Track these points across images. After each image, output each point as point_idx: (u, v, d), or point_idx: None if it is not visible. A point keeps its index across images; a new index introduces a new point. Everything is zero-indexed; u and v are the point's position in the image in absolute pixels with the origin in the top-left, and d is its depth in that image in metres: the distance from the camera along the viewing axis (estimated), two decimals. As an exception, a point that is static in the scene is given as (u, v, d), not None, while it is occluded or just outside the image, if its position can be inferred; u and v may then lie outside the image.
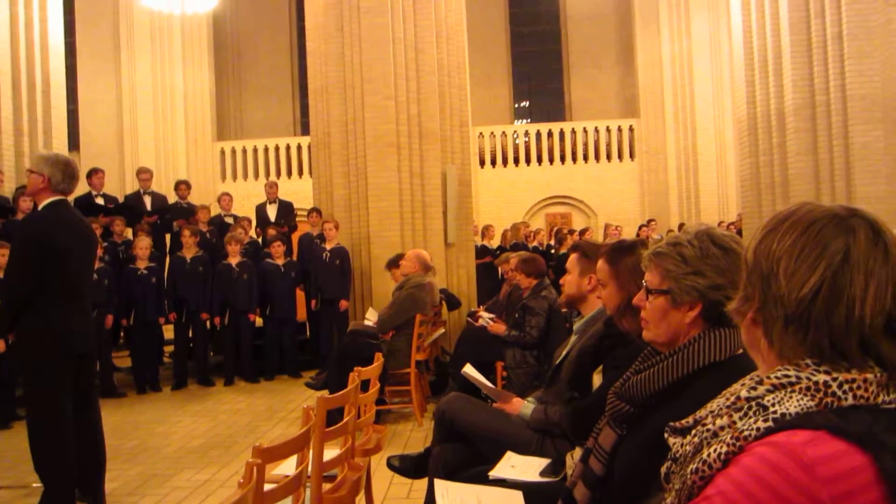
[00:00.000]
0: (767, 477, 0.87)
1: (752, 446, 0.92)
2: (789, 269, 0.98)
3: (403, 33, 8.09)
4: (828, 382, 0.93)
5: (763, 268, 1.02)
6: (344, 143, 8.23)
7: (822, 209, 1.02)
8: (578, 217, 16.73)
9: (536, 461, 2.68)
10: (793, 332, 0.98)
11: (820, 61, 8.12)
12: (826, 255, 0.96)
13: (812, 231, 0.99)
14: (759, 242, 1.04)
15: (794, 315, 0.97)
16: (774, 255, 1.01)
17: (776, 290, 0.99)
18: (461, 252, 8.62)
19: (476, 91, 16.59)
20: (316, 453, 2.44)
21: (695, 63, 15.71)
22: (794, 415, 0.92)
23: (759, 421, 0.93)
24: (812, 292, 0.96)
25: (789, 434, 0.89)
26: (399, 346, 5.83)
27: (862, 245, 0.96)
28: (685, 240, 1.68)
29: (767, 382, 0.97)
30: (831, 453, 0.87)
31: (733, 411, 0.98)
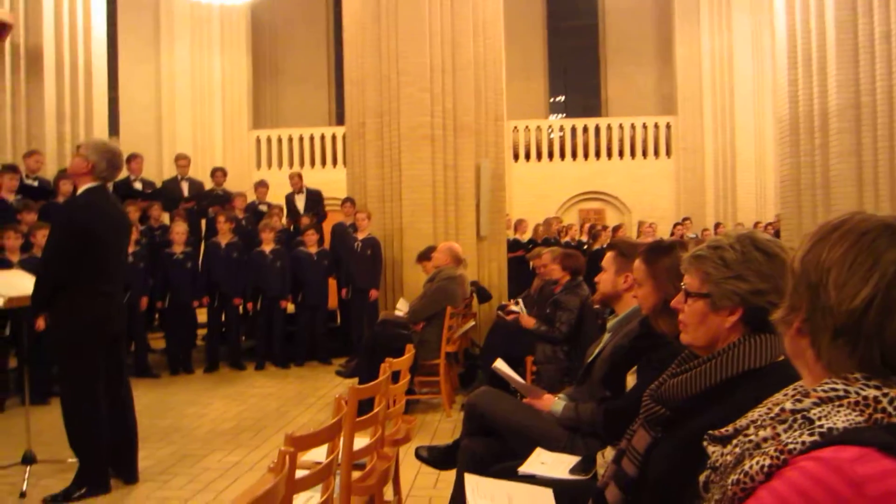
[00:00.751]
0: (813, 492, 0.85)
1: (797, 460, 0.90)
2: (840, 279, 0.96)
3: (441, 26, 8.07)
4: (878, 398, 0.91)
5: (811, 277, 1.00)
6: (378, 133, 8.26)
7: (874, 219, 1.00)
8: (612, 213, 16.59)
9: (566, 458, 2.67)
10: (842, 345, 0.96)
11: (867, 61, 7.91)
12: (879, 266, 0.94)
13: (864, 242, 0.97)
14: (807, 252, 1.02)
15: (844, 327, 0.95)
16: (824, 265, 0.99)
17: (825, 301, 0.97)
18: (493, 245, 8.61)
19: (511, 85, 16.47)
20: (347, 442, 2.46)
21: (735, 60, 15.42)
22: (841, 430, 0.90)
23: (805, 434, 0.91)
24: (864, 304, 0.94)
25: (837, 450, 0.87)
26: (429, 337, 5.86)
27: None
28: (726, 243, 1.66)
29: (814, 395, 0.95)
30: (882, 471, 0.84)
31: (777, 423, 0.96)
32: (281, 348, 8.05)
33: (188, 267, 7.63)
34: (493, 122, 8.64)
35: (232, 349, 8.03)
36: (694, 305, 1.68)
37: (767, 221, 13.88)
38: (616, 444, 1.97)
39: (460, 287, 6.14)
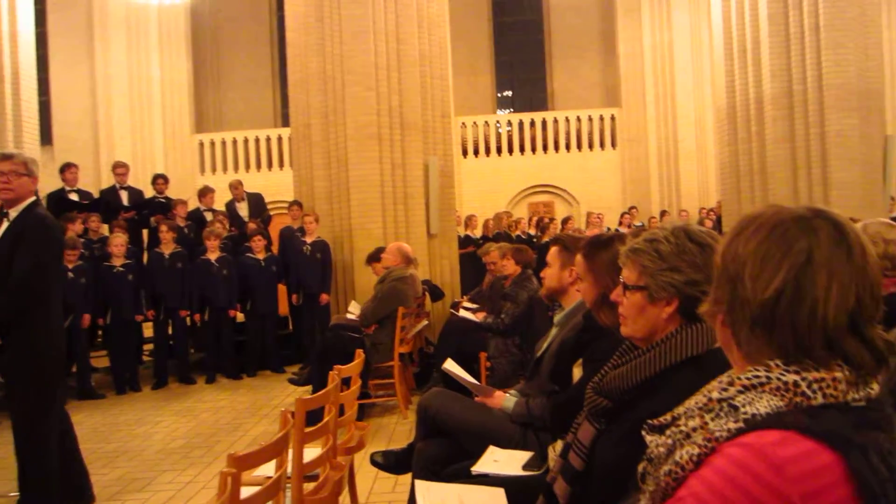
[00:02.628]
0: (738, 477, 0.87)
1: (723, 447, 0.92)
2: (754, 271, 0.99)
3: (385, 23, 8.02)
4: (797, 382, 0.94)
5: (730, 271, 1.02)
6: (325, 134, 8.17)
7: (787, 211, 1.02)
8: (561, 205, 16.77)
9: (519, 454, 2.68)
10: (759, 334, 0.99)
11: (797, 52, 8.18)
12: (789, 256, 0.97)
13: (776, 234, 0.99)
14: (726, 246, 1.05)
15: (760, 317, 0.98)
16: (740, 258, 1.01)
17: (742, 293, 1.00)
18: (444, 243, 8.61)
19: (458, 81, 16.55)
20: (296, 455, 2.42)
21: (675, 52, 15.77)
22: (764, 415, 0.92)
23: (730, 422, 0.94)
24: (776, 293, 0.96)
25: (759, 434, 0.90)
26: (382, 339, 5.81)
27: (825, 245, 0.97)
28: (661, 236, 1.68)
29: (738, 384, 0.97)
30: (800, 452, 0.87)
31: (705, 412, 0.98)
32: (231, 359, 7.89)
33: (130, 280, 7.37)
34: (441, 118, 8.63)
35: (180, 363, 7.81)
36: (632, 298, 1.70)
37: (710, 207, 14.22)
38: (564, 438, 1.98)
39: (412, 287, 6.12)
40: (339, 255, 8.16)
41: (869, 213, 6.94)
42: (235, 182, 9.65)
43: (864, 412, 0.94)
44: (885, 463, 0.88)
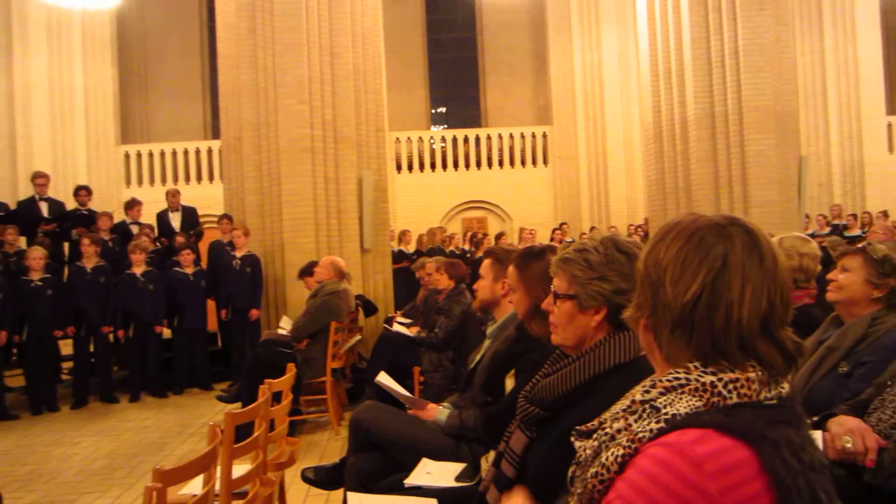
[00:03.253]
0: (660, 475, 0.91)
1: (646, 447, 0.95)
2: (675, 276, 1.03)
3: (318, 36, 7.97)
4: (714, 383, 0.98)
5: (652, 276, 1.06)
6: (256, 147, 8.04)
7: (704, 219, 1.07)
8: (494, 221, 16.95)
9: (452, 466, 2.68)
10: (679, 337, 1.02)
11: (719, 75, 8.55)
12: (707, 261, 1.01)
13: (694, 240, 1.04)
14: (648, 253, 1.09)
15: (679, 320, 1.02)
16: (661, 263, 1.05)
17: (663, 298, 1.03)
18: (378, 258, 8.57)
19: (393, 96, 16.58)
20: (224, 471, 2.36)
21: (605, 73, 16.21)
22: (683, 415, 0.96)
23: (652, 422, 0.97)
24: (694, 297, 1.00)
25: (680, 433, 0.93)
26: (314, 354, 5.73)
27: (739, 251, 1.02)
28: (591, 246, 1.73)
29: (659, 386, 1.01)
30: (718, 449, 0.91)
31: (629, 414, 1.01)
32: (157, 376, 7.62)
33: (48, 295, 7.05)
34: (375, 133, 8.61)
35: (102, 381, 7.49)
36: (562, 307, 1.74)
37: (638, 224, 14.63)
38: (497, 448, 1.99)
39: (345, 301, 6.06)
40: (270, 269, 8.02)
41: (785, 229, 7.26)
42: (173, 191, 9.41)
43: (776, 410, 0.99)
44: (797, 456, 0.93)
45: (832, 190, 15.32)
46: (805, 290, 3.16)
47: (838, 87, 15.36)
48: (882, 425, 1.98)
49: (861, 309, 2.51)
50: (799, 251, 3.15)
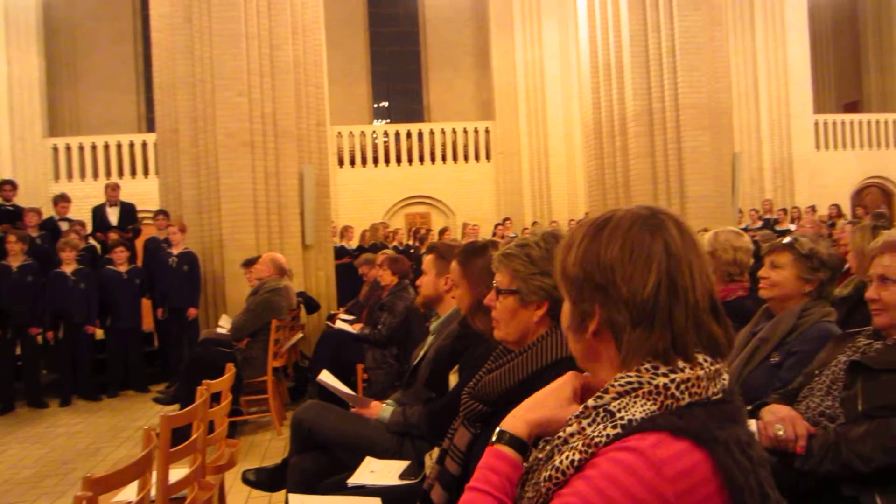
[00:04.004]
0: (623, 479, 0.91)
1: (606, 451, 0.95)
2: (626, 274, 1.01)
3: (258, 28, 7.81)
4: (667, 385, 0.98)
5: (597, 279, 1.03)
6: (193, 141, 7.83)
7: (628, 212, 1.07)
8: (437, 216, 16.95)
9: (396, 464, 2.66)
10: (639, 334, 1.01)
11: (656, 72, 8.73)
12: (654, 254, 1.01)
13: (633, 234, 1.03)
14: (583, 255, 1.06)
15: (640, 316, 1.01)
16: (605, 263, 1.03)
17: (618, 297, 1.02)
18: (320, 254, 8.46)
19: (334, 90, 16.38)
20: (160, 476, 2.28)
21: (546, 69, 16.35)
22: (639, 420, 0.96)
23: (608, 427, 0.97)
24: (654, 290, 1.00)
25: (640, 437, 0.93)
26: (255, 353, 5.62)
27: (676, 238, 1.03)
28: (532, 241, 1.73)
29: (612, 391, 1.00)
30: (674, 453, 0.92)
31: (582, 419, 1.00)
32: (89, 379, 7.35)
33: (-30, 295, 6.74)
34: (316, 127, 8.49)
35: (30, 385, 7.17)
36: (505, 302, 1.73)
37: (578, 219, 14.84)
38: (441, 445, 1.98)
39: (286, 299, 5.96)
40: (208, 266, 7.83)
41: (720, 223, 7.48)
42: (112, 184, 9.14)
43: (724, 406, 1.00)
44: (746, 455, 0.94)
45: (763, 185, 15.84)
46: (739, 282, 3.25)
47: (769, 87, 15.89)
48: (811, 412, 2.05)
49: (793, 303, 2.59)
50: (733, 245, 3.23)
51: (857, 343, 2.10)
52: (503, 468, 1.04)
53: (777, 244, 2.70)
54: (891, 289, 2.01)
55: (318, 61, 8.63)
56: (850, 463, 1.85)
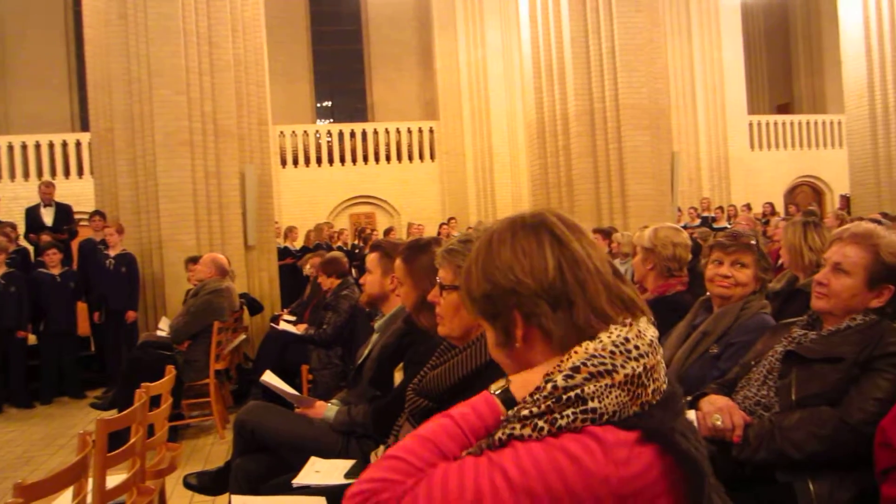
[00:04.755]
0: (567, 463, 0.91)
1: (565, 435, 0.94)
2: (525, 267, 1.04)
3: (196, 25, 7.65)
4: (639, 374, 0.98)
5: (504, 285, 1.05)
6: (130, 140, 7.61)
7: (505, 220, 1.11)
8: (382, 216, 16.89)
9: (342, 463, 2.64)
10: (562, 316, 1.02)
11: (597, 73, 8.88)
12: (543, 242, 1.05)
13: (517, 236, 1.07)
14: (482, 271, 1.07)
15: (555, 299, 1.02)
16: (504, 267, 1.05)
17: (528, 291, 1.03)
18: (262, 254, 8.34)
19: (276, 89, 16.16)
20: (97, 481, 2.21)
21: (489, 69, 16.44)
22: (611, 413, 0.95)
23: (579, 418, 0.94)
24: (557, 270, 1.03)
25: (604, 430, 0.93)
26: (196, 356, 5.50)
27: (558, 224, 1.07)
28: (475, 237, 1.73)
29: (584, 370, 0.97)
30: (632, 449, 0.93)
31: (552, 401, 0.96)
32: (22, 386, 7.09)
33: None
34: (258, 126, 8.37)
35: (-42, 393, 6.91)
36: (448, 298, 1.74)
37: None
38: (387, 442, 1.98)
39: (228, 300, 5.85)
40: (147, 268, 7.63)
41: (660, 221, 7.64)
42: (47, 182, 8.84)
43: (673, 399, 1.02)
44: (698, 441, 0.98)
45: (701, 184, 16.26)
46: (678, 277, 3.32)
47: (705, 88, 16.32)
48: (747, 402, 2.10)
49: (742, 299, 2.66)
50: (672, 241, 3.31)
51: (793, 333, 2.16)
52: (486, 416, 1.01)
53: (741, 243, 2.71)
54: (841, 279, 2.05)
55: (260, 60, 8.50)
56: (784, 450, 1.91)
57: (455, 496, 0.91)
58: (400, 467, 0.96)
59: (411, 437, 1.01)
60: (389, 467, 0.96)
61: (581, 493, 0.90)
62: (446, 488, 0.92)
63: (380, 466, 0.98)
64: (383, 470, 0.96)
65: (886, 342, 1.95)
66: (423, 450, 0.97)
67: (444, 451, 0.98)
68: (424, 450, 0.97)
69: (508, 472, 0.91)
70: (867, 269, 2.03)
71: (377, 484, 0.95)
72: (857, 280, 2.04)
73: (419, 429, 1.03)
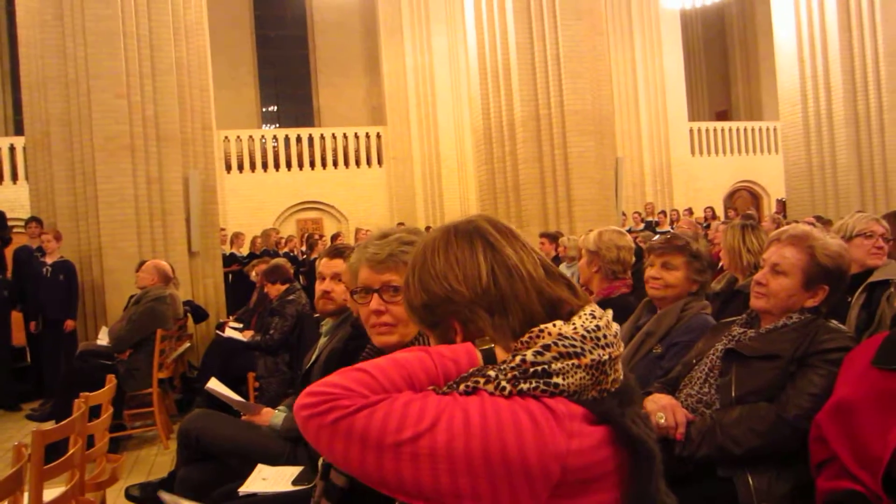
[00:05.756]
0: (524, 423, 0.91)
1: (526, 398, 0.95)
2: (459, 275, 1.06)
3: (136, 27, 7.48)
4: (605, 361, 1.00)
5: (440, 293, 1.07)
6: (67, 144, 7.39)
7: (439, 230, 1.13)
8: (330, 222, 16.76)
9: (289, 470, 2.62)
10: (498, 321, 1.05)
11: (542, 79, 9.01)
12: (476, 249, 1.07)
13: (451, 244, 1.09)
14: (419, 280, 1.10)
15: (490, 305, 1.05)
16: (440, 276, 1.07)
17: (462, 298, 1.06)
18: (207, 261, 8.19)
19: (221, 94, 15.92)
20: (33, 495, 2.14)
21: (436, 75, 16.52)
22: (571, 392, 0.97)
23: (541, 385, 0.96)
24: (490, 277, 1.05)
25: (557, 400, 0.95)
26: (138, 364, 5.37)
27: (491, 230, 1.10)
28: (407, 238, 1.75)
29: (555, 349, 0.99)
30: (580, 425, 0.95)
31: (519, 372, 0.97)
32: (-48, 398, 6.81)
33: None
34: (202, 131, 8.22)
35: None
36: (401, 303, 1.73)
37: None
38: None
39: (171, 307, 5.73)
40: (87, 276, 7.41)
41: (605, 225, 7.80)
42: None
43: (626, 387, 1.04)
44: (648, 427, 1.01)
45: (644, 189, 16.61)
46: (622, 280, 3.40)
47: (648, 94, 16.69)
48: (690, 400, 2.15)
49: (679, 301, 2.74)
50: (616, 244, 3.38)
51: (733, 332, 2.22)
52: (463, 365, 1.01)
53: (670, 245, 2.79)
54: (780, 280, 2.13)
55: (203, 63, 8.37)
56: (724, 446, 1.97)
57: (412, 421, 0.90)
58: (367, 381, 0.94)
59: (385, 359, 0.99)
60: (355, 379, 0.94)
61: (530, 449, 0.90)
62: (406, 412, 0.91)
63: (346, 376, 0.95)
64: (349, 380, 0.94)
65: (820, 340, 2.03)
66: (395, 374, 0.96)
67: (414, 382, 0.97)
68: (396, 374, 0.96)
69: (470, 416, 0.91)
70: (804, 271, 2.10)
71: (339, 390, 0.92)
72: (794, 280, 2.11)
73: (395, 353, 1.02)
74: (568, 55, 8.87)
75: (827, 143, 10.98)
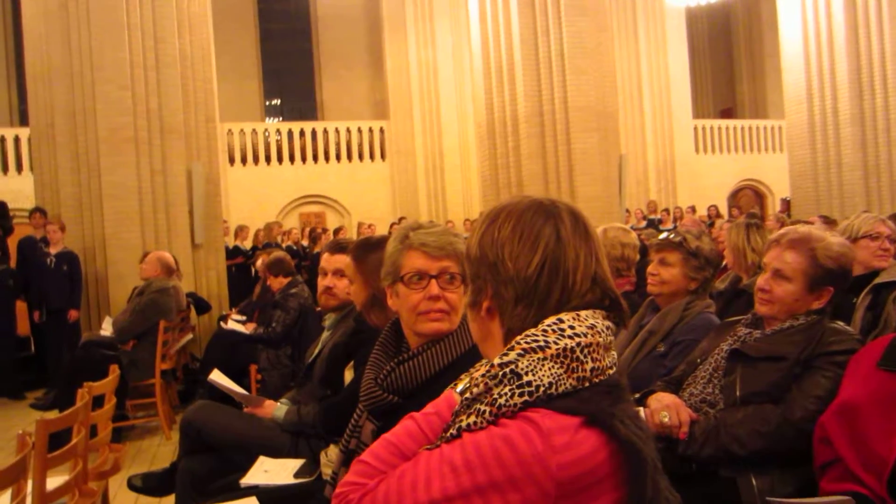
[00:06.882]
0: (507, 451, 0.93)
1: (505, 422, 0.96)
2: (514, 252, 1.07)
3: (140, 19, 7.48)
4: (573, 348, 1.00)
5: (490, 257, 1.09)
6: (72, 136, 7.40)
7: (528, 199, 1.14)
8: (332, 216, 16.77)
9: (291, 463, 2.62)
10: (521, 311, 1.06)
11: (546, 75, 8.98)
12: (542, 236, 1.08)
13: (525, 218, 1.10)
14: (481, 236, 1.12)
15: (523, 293, 1.06)
16: (497, 243, 1.09)
17: (505, 274, 1.07)
18: (210, 253, 8.20)
19: (224, 87, 15.88)
20: (37, 483, 2.16)
21: (440, 70, 16.49)
22: (546, 385, 0.97)
23: (516, 395, 0.97)
24: (537, 269, 1.06)
25: (542, 415, 0.95)
26: (141, 355, 5.39)
27: (567, 225, 1.10)
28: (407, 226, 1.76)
29: (518, 347, 1.01)
30: (570, 432, 0.95)
31: (489, 379, 1.00)
32: (-45, 387, 6.83)
33: None
34: (205, 123, 8.22)
35: None
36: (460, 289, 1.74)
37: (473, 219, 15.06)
38: (338, 441, 1.96)
39: (174, 299, 5.75)
40: (90, 267, 7.43)
41: (608, 222, 7.78)
42: None
43: (616, 381, 1.05)
44: (639, 427, 1.00)
45: (648, 186, 16.57)
46: (626, 277, 3.40)
47: (652, 91, 16.63)
48: (693, 399, 2.15)
49: (678, 298, 2.73)
50: (621, 241, 3.38)
51: (738, 332, 2.21)
52: (446, 415, 1.08)
53: (667, 242, 2.79)
54: (784, 286, 2.11)
55: (207, 56, 8.37)
56: (728, 447, 1.97)
57: (408, 490, 0.97)
58: (365, 471, 1.06)
59: (378, 441, 1.11)
60: (357, 471, 1.07)
61: (519, 477, 0.93)
62: (401, 483, 0.99)
63: (351, 471, 1.09)
64: (353, 474, 1.07)
65: (827, 342, 2.02)
66: (385, 452, 1.07)
67: (405, 452, 1.06)
68: (386, 452, 1.07)
69: (455, 464, 0.95)
70: (807, 274, 2.09)
71: (347, 487, 1.05)
72: (798, 285, 2.10)
73: (387, 433, 1.12)
74: (572, 51, 8.84)
75: (832, 142, 10.93)
